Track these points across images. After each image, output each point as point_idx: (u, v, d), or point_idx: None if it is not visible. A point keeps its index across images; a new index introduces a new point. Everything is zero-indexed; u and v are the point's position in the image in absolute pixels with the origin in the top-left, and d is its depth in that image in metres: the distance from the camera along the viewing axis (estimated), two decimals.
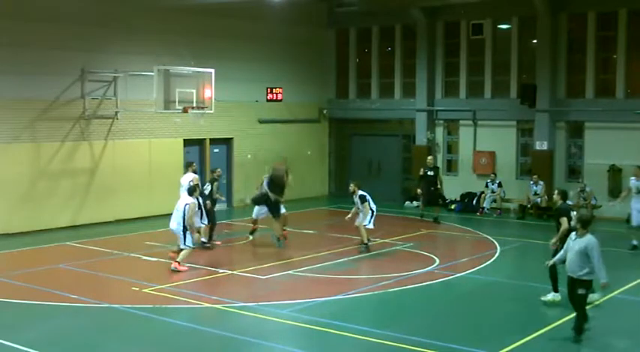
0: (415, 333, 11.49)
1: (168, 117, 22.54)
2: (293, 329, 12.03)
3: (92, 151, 21.66)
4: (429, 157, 23.79)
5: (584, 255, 11.35)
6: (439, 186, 23.01)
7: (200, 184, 17.66)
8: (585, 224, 11.63)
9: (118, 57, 21.87)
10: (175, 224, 15.92)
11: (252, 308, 12.88)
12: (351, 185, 18.19)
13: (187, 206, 15.82)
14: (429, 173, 22.80)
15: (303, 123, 27.95)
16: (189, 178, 17.71)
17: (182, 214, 15.79)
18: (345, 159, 29.26)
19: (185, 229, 15.78)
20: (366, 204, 17.74)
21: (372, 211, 17.86)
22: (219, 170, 19.11)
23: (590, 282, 11.50)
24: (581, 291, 11.50)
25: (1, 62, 19.65)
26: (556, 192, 14.11)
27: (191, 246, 15.95)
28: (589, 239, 11.47)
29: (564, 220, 13.33)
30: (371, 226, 17.81)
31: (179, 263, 15.78)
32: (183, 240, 15.82)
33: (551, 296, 13.48)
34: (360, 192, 17.90)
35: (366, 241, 17.74)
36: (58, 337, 11.53)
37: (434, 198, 22.96)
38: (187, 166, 18.74)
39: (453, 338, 11.29)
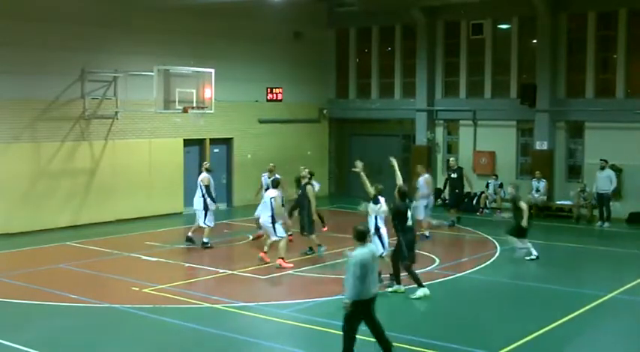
0: (415, 333, 11.49)
1: (168, 117, 22.56)
2: (293, 329, 12.03)
3: (92, 151, 21.67)
4: (452, 159, 23.21)
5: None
6: (467, 188, 22.26)
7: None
8: (359, 236, 9.91)
9: (118, 57, 21.87)
10: (265, 217, 16.37)
11: (252, 308, 12.88)
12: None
13: (272, 199, 16.25)
14: (452, 175, 22.00)
15: (303, 123, 27.96)
16: (201, 178, 18.25)
17: (270, 207, 16.20)
18: (345, 159, 29.26)
19: (274, 221, 16.16)
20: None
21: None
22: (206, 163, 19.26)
23: (351, 303, 9.66)
24: (344, 313, 9.72)
25: (1, 62, 19.65)
26: (396, 189, 14.24)
27: (283, 235, 16.26)
28: (352, 253, 9.81)
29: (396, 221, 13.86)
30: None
31: (283, 259, 16.04)
32: (273, 232, 16.18)
33: (420, 292, 13.63)
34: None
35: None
36: (58, 337, 11.52)
37: (460, 200, 22.11)
38: (201, 168, 18.90)
39: (453, 338, 11.28)
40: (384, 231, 14.38)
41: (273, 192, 16.48)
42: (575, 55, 24.28)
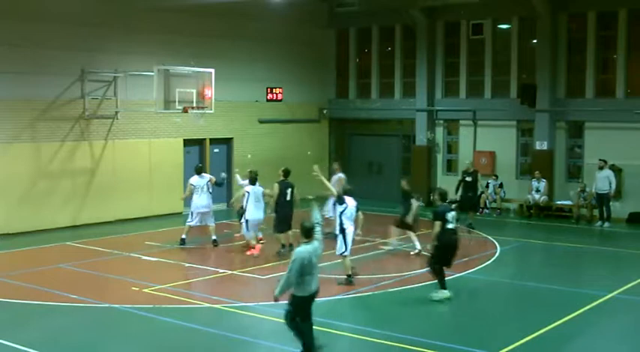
0: (415, 333, 11.50)
1: (168, 117, 22.56)
2: None
3: (92, 151, 21.67)
4: (467, 162, 22.73)
5: None
6: (478, 192, 21.93)
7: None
8: (305, 233, 10.00)
9: (118, 57, 21.87)
10: (261, 213, 17.23)
11: (252, 308, 12.87)
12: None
13: (262, 192, 17.32)
14: (467, 178, 21.35)
15: (303, 123, 27.97)
16: (206, 179, 18.50)
17: (262, 201, 17.14)
18: (345, 159, 29.25)
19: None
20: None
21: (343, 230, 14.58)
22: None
23: (294, 298, 9.88)
24: (287, 308, 9.98)
25: (1, 62, 19.66)
26: (436, 192, 14.18)
27: None
28: (296, 250, 9.96)
29: (437, 224, 13.33)
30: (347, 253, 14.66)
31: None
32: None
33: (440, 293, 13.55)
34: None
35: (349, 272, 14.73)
36: (58, 337, 11.53)
37: (470, 203, 21.48)
38: (201, 169, 18.88)
39: (453, 338, 11.29)
40: (350, 230, 14.53)
41: (256, 188, 17.20)
42: (575, 55, 24.26)
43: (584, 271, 17.21)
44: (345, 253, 14.56)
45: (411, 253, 17.60)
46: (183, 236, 18.32)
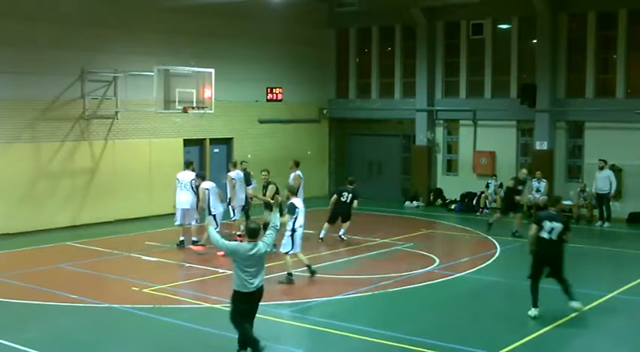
0: (415, 333, 11.49)
1: (168, 117, 22.57)
2: (293, 329, 12.03)
3: (92, 151, 21.67)
4: (524, 170, 21.50)
5: None
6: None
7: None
8: (249, 234, 10.23)
9: (118, 57, 21.87)
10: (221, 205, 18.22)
11: None
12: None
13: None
14: (519, 188, 20.50)
15: (303, 123, 27.98)
16: (191, 176, 18.41)
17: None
18: (345, 159, 29.28)
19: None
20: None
21: (294, 230, 14.93)
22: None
23: (234, 293, 10.32)
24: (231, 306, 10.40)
25: (1, 62, 19.66)
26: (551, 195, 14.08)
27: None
28: (238, 242, 10.31)
29: (532, 227, 12.82)
30: (297, 249, 15.03)
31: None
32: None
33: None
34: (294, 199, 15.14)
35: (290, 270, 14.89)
36: (58, 337, 11.53)
37: (516, 208, 20.67)
38: (189, 165, 18.99)
39: (453, 338, 11.29)
40: (300, 230, 14.89)
41: (213, 184, 18.09)
42: (575, 55, 24.27)
43: (584, 271, 17.16)
44: (295, 251, 14.89)
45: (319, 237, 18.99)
46: (182, 237, 18.30)
